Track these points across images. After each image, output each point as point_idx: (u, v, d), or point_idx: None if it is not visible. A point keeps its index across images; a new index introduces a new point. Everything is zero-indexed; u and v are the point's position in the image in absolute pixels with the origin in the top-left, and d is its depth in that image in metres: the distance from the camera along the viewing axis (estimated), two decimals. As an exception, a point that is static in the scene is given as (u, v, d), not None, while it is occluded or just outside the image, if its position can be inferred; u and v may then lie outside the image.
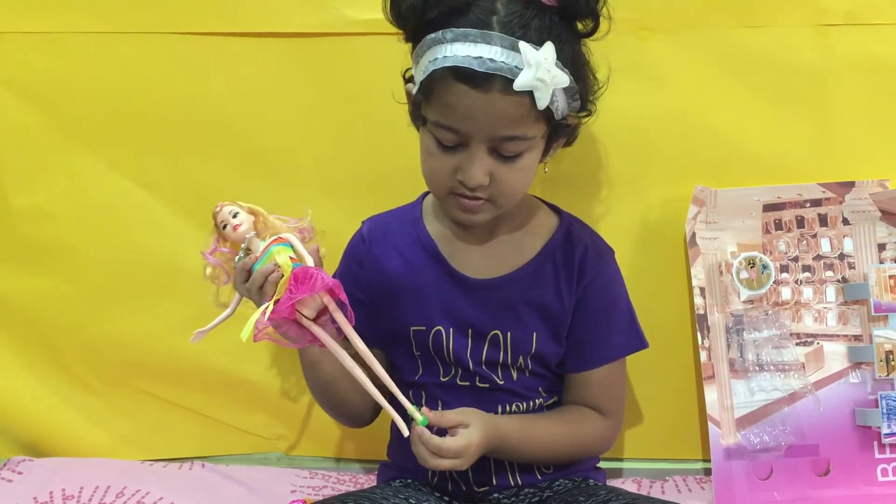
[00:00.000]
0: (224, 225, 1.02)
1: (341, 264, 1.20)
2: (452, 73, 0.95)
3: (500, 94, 0.95)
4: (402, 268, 1.12)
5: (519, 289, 1.10)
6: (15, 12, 1.34)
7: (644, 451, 1.38)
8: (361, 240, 1.17)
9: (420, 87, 1.00)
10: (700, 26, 1.30)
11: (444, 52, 0.96)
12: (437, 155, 1.02)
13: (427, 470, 1.07)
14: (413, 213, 1.16)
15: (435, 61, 0.96)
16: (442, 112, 0.98)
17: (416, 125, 1.08)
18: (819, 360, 1.28)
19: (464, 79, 0.95)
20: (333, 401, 1.16)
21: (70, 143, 1.37)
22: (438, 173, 1.03)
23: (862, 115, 1.30)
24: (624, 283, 1.18)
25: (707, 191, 1.29)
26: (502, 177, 1.01)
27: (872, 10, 1.28)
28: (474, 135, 0.98)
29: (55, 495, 1.26)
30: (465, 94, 0.96)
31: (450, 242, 1.12)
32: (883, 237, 1.29)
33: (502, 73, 0.94)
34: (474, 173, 0.99)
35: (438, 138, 1.01)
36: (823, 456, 1.25)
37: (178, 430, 1.42)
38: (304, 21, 1.31)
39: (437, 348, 1.10)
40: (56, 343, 1.40)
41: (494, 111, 0.96)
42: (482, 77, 0.94)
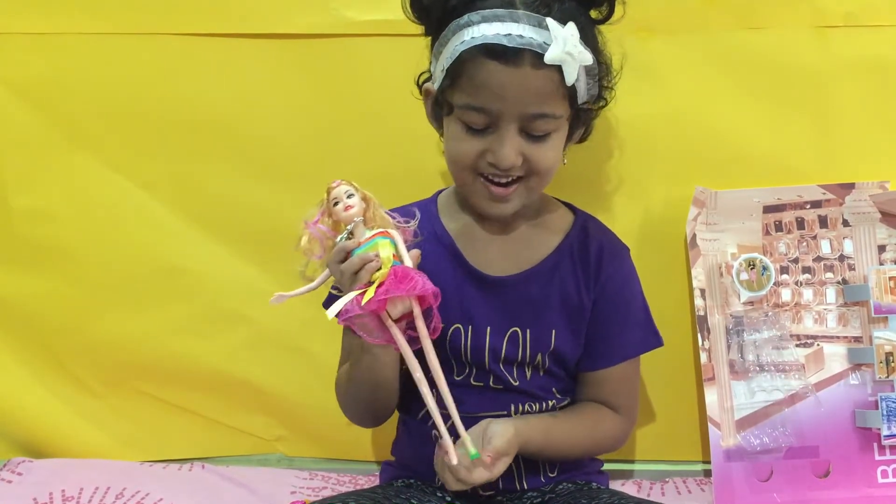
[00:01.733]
0: (336, 202, 0.99)
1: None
2: (482, 50, 0.97)
3: (531, 69, 0.97)
4: (422, 265, 1.09)
5: (537, 285, 1.10)
6: (15, 13, 1.34)
7: (644, 452, 1.38)
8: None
9: (447, 72, 1.01)
10: (700, 27, 1.30)
11: (472, 34, 0.97)
12: (465, 139, 1.02)
13: (433, 473, 1.07)
14: (428, 208, 1.15)
15: (463, 43, 0.98)
16: (472, 92, 0.99)
17: (439, 120, 1.08)
18: (819, 361, 1.28)
19: (494, 55, 0.97)
20: (371, 402, 1.13)
21: (69, 143, 1.37)
22: (467, 157, 1.02)
23: (862, 116, 1.30)
24: (639, 281, 1.18)
25: (707, 192, 1.29)
26: (533, 155, 1.01)
27: (872, 11, 1.28)
28: (505, 113, 0.99)
29: (55, 496, 1.26)
30: (495, 70, 0.97)
31: (467, 239, 1.12)
32: (883, 239, 1.29)
33: (532, 48, 0.96)
34: (507, 153, 1.00)
35: (467, 122, 1.01)
36: (823, 457, 1.25)
37: (177, 432, 1.42)
38: (305, 22, 1.31)
39: (455, 346, 1.10)
40: (55, 344, 1.41)
41: (525, 86, 0.97)
42: (513, 52, 0.96)
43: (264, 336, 1.40)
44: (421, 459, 1.10)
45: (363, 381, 1.10)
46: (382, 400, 1.12)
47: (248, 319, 1.39)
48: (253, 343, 1.40)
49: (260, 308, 1.39)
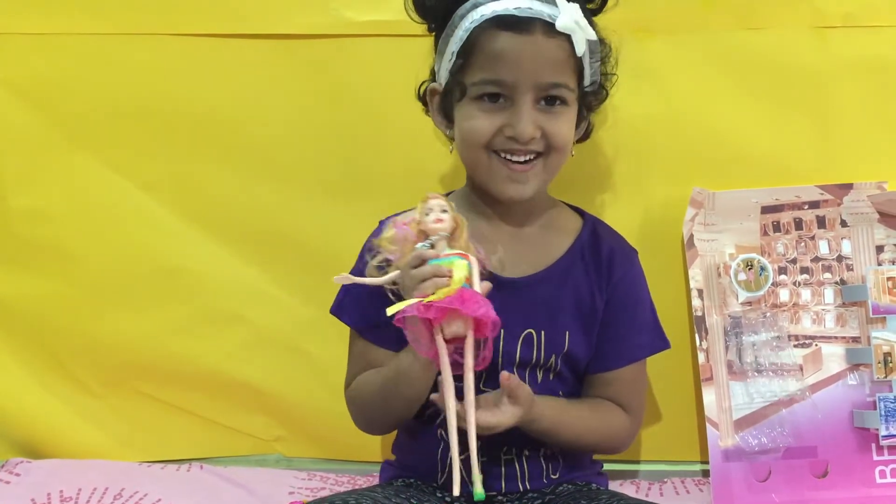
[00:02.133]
0: (429, 212, 0.97)
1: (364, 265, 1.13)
2: (494, 23, 1.01)
3: (543, 37, 1.01)
4: None
5: (550, 287, 1.10)
6: (14, 13, 1.34)
7: (642, 452, 1.38)
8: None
9: (458, 53, 1.03)
10: (699, 28, 1.30)
11: (481, 12, 1.02)
12: (480, 117, 1.04)
13: (435, 470, 1.08)
14: None
15: (473, 21, 1.02)
16: (487, 66, 1.02)
17: (448, 116, 1.09)
18: (817, 361, 1.28)
19: (507, 26, 1.01)
20: (398, 417, 1.11)
21: (69, 144, 1.37)
22: (483, 134, 1.03)
23: (860, 116, 1.31)
24: (647, 284, 1.18)
25: (705, 193, 1.29)
26: (551, 127, 1.03)
27: (871, 11, 1.29)
28: (521, 83, 1.01)
29: (53, 497, 1.26)
30: (509, 39, 1.01)
31: (479, 240, 1.08)
32: (881, 239, 1.29)
33: (542, 17, 1.01)
34: (525, 125, 1.02)
35: (483, 94, 1.03)
36: (822, 458, 1.25)
37: (176, 432, 1.42)
38: (305, 22, 1.32)
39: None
40: (54, 344, 1.40)
41: (539, 54, 1.01)
42: (525, 21, 1.00)
43: (263, 337, 1.39)
44: (423, 459, 1.10)
45: (389, 392, 1.08)
46: (400, 415, 1.11)
47: (247, 320, 1.39)
48: (252, 344, 1.39)
49: (259, 309, 1.39)
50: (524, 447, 1.10)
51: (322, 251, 1.37)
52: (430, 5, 1.08)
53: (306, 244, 1.38)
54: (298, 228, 1.37)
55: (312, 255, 1.38)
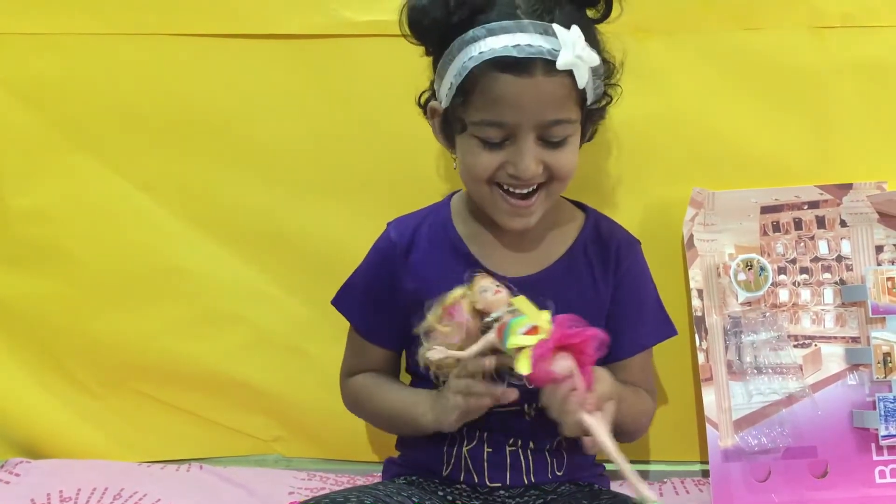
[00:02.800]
0: (484, 290, 0.97)
1: (370, 268, 1.17)
2: (494, 64, 0.97)
3: (544, 77, 0.97)
4: (436, 273, 1.09)
5: (555, 285, 1.09)
6: (14, 13, 1.34)
7: (642, 452, 1.38)
8: (393, 244, 1.14)
9: (458, 90, 1.00)
10: (698, 28, 1.30)
11: (479, 49, 0.97)
12: (481, 154, 1.02)
13: (440, 463, 1.09)
14: (441, 214, 1.15)
15: (471, 59, 0.98)
16: (487, 108, 0.99)
17: (449, 137, 1.07)
18: (817, 361, 1.28)
19: (506, 68, 0.97)
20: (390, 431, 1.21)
21: (68, 144, 1.36)
22: (485, 171, 1.02)
23: (859, 117, 1.31)
24: (650, 272, 1.18)
25: (705, 193, 1.29)
26: (553, 162, 1.02)
27: (870, 12, 1.29)
28: (523, 124, 0.99)
29: (52, 497, 1.26)
30: (509, 82, 0.97)
31: (481, 243, 1.11)
32: (881, 239, 1.29)
33: (542, 55, 0.96)
34: (527, 164, 1.00)
35: (483, 137, 1.01)
36: (821, 458, 1.25)
37: (175, 432, 1.42)
38: (304, 23, 1.32)
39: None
40: (54, 345, 1.40)
41: (540, 95, 0.98)
42: (524, 62, 0.96)
43: (262, 337, 1.39)
44: (428, 452, 1.10)
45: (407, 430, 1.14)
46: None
47: (247, 320, 1.39)
48: (251, 344, 1.39)
49: (259, 309, 1.39)
50: (530, 440, 1.10)
51: (322, 251, 1.37)
52: (428, 29, 1.02)
53: (306, 244, 1.38)
54: (298, 228, 1.37)
55: (312, 255, 1.38)
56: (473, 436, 1.09)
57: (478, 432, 1.09)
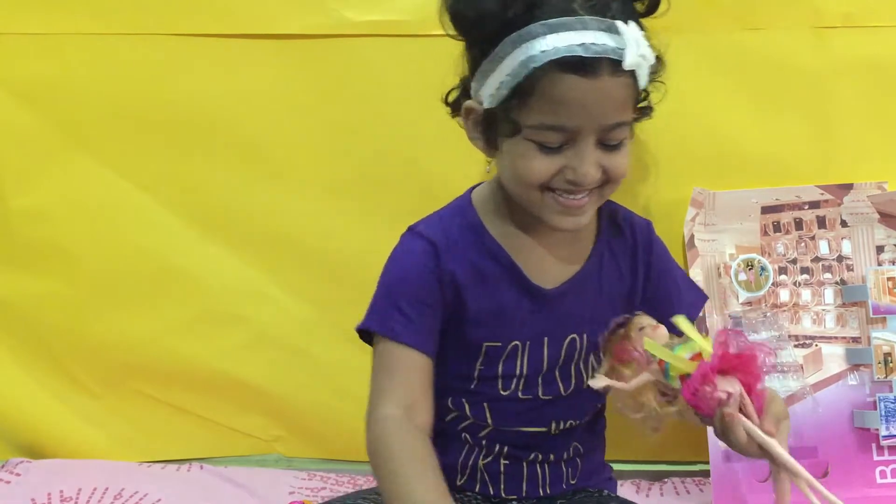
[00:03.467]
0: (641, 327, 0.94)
1: (409, 275, 1.02)
2: (558, 65, 0.89)
3: (609, 78, 0.90)
4: (479, 283, 1.01)
5: (589, 286, 1.05)
6: (14, 14, 1.34)
7: (642, 453, 1.38)
8: (432, 250, 1.02)
9: (513, 90, 0.92)
10: (698, 28, 1.30)
11: (540, 47, 0.89)
12: (537, 158, 0.94)
13: (455, 473, 1.05)
14: (469, 216, 1.05)
15: (532, 58, 0.90)
16: (548, 111, 0.91)
17: (489, 140, 0.99)
18: (817, 362, 1.28)
19: (572, 69, 0.89)
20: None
21: (68, 144, 1.36)
22: (540, 176, 0.94)
23: (860, 117, 1.31)
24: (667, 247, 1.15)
25: (705, 193, 1.29)
26: (610, 165, 0.95)
27: (870, 12, 1.29)
28: (585, 128, 0.92)
29: (53, 497, 1.26)
30: (575, 84, 0.90)
31: (519, 250, 1.04)
32: (881, 239, 1.29)
33: (608, 55, 0.90)
34: (587, 170, 0.93)
35: (541, 142, 0.93)
36: (822, 458, 1.25)
37: (176, 432, 1.42)
38: (304, 23, 1.32)
39: (510, 362, 1.03)
40: (54, 345, 1.40)
41: (606, 97, 0.91)
42: (591, 63, 0.89)
43: (263, 337, 1.39)
44: (444, 462, 1.02)
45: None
46: None
47: (247, 320, 1.39)
48: (251, 344, 1.40)
49: (258, 309, 1.39)
50: (550, 452, 1.07)
51: (322, 251, 1.37)
52: (476, 22, 0.93)
53: (306, 244, 1.38)
54: (299, 229, 1.37)
55: (312, 255, 1.38)
56: (492, 449, 1.05)
57: (497, 446, 1.05)
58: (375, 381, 1.02)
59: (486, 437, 1.04)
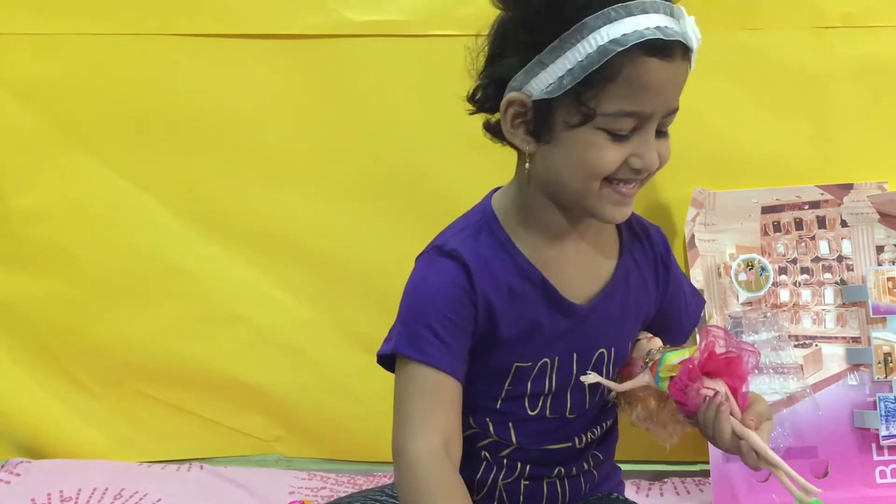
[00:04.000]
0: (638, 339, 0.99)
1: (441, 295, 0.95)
2: (643, 48, 0.87)
3: (681, 61, 0.90)
4: (512, 305, 0.97)
5: (616, 299, 1.02)
6: (14, 14, 1.34)
7: (643, 453, 1.37)
8: (464, 271, 0.96)
9: (590, 77, 0.89)
10: (699, 27, 1.29)
11: (621, 30, 0.87)
12: (609, 148, 0.91)
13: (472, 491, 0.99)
14: (496, 232, 0.99)
15: (614, 42, 0.87)
16: (631, 96, 0.89)
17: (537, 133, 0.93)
18: (817, 362, 1.28)
19: (655, 52, 0.88)
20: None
21: (68, 144, 1.37)
22: (610, 167, 0.91)
23: (860, 117, 1.31)
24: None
25: (706, 193, 1.29)
26: (663, 152, 0.94)
27: (870, 12, 1.29)
28: (657, 113, 0.91)
29: (53, 497, 1.26)
30: (658, 68, 0.89)
31: (547, 263, 1.00)
32: (881, 239, 1.29)
33: (679, 38, 0.89)
34: (654, 156, 0.92)
35: (615, 129, 0.90)
36: (822, 458, 1.25)
37: (176, 432, 1.42)
38: (304, 23, 1.32)
39: (538, 380, 1.00)
40: (54, 345, 1.40)
41: (678, 82, 0.92)
42: (669, 46, 0.88)
43: (263, 337, 1.39)
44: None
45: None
46: None
47: (247, 320, 1.39)
48: (251, 344, 1.40)
49: (258, 309, 1.39)
50: (573, 466, 1.04)
51: (322, 251, 1.37)
52: (540, 9, 0.90)
53: (306, 244, 1.38)
54: (299, 229, 1.37)
55: (312, 256, 1.38)
56: (514, 468, 1.02)
57: (519, 465, 1.02)
58: (407, 409, 0.94)
59: (507, 455, 1.01)
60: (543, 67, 0.91)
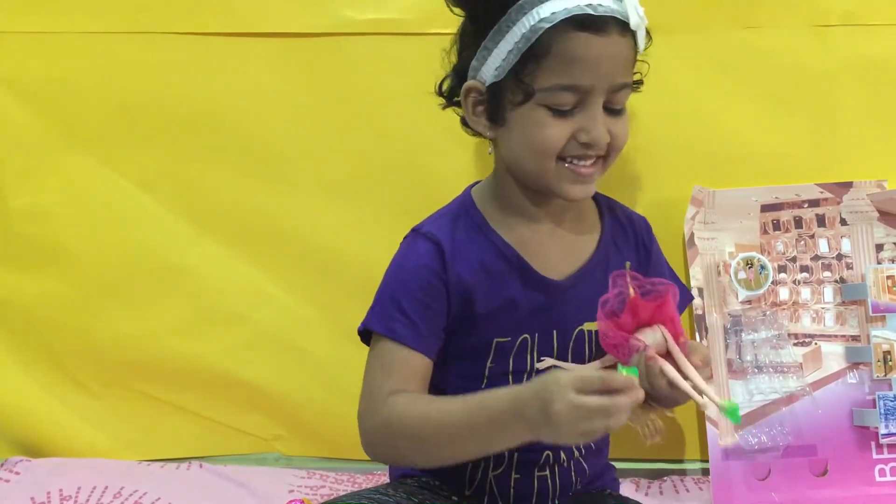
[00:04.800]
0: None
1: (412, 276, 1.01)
2: (572, 23, 0.94)
3: (618, 37, 0.95)
4: (487, 281, 1.02)
5: (597, 278, 1.03)
6: (14, 13, 1.34)
7: (642, 451, 1.37)
8: (437, 252, 1.02)
9: (525, 55, 0.95)
10: (699, 27, 1.30)
11: (551, 9, 0.93)
12: (551, 124, 0.96)
13: (462, 486, 1.04)
14: (473, 216, 1.05)
15: (544, 20, 0.94)
16: (563, 70, 0.95)
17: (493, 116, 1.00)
18: (817, 360, 1.28)
19: (585, 26, 0.94)
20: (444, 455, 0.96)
21: (69, 143, 1.37)
22: (556, 143, 0.97)
23: (860, 115, 1.31)
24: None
25: (705, 191, 1.29)
26: (616, 130, 0.98)
27: (870, 10, 1.29)
28: (596, 87, 0.95)
29: (52, 496, 1.26)
30: (588, 41, 0.94)
31: (525, 245, 1.04)
32: (881, 238, 1.29)
33: (615, 14, 0.95)
34: (601, 129, 0.96)
35: (554, 104, 0.96)
36: (821, 456, 1.25)
37: (175, 431, 1.42)
38: (304, 21, 1.32)
39: (520, 358, 1.03)
40: (54, 344, 1.40)
41: (615, 55, 0.96)
42: (601, 21, 0.94)
43: (262, 336, 1.39)
44: (449, 480, 1.05)
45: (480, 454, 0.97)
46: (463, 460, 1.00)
47: (247, 319, 1.39)
48: (251, 343, 1.39)
49: (258, 308, 1.39)
50: (560, 451, 1.06)
51: (322, 251, 1.37)
52: None
53: (306, 244, 1.38)
54: (298, 228, 1.37)
55: (313, 256, 1.38)
56: (502, 459, 1.04)
57: (507, 454, 1.03)
58: (372, 379, 1.00)
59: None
60: (489, 53, 0.98)
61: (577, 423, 0.82)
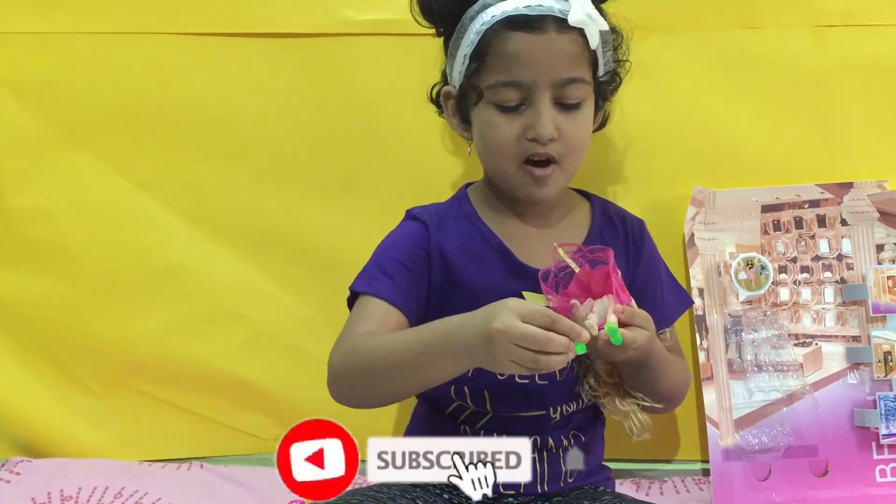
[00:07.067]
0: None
1: (400, 246, 1.08)
2: (506, 24, 1.00)
3: (556, 34, 1.00)
4: (469, 262, 1.07)
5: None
6: (14, 13, 1.34)
7: (642, 451, 1.37)
8: (423, 228, 1.08)
9: (471, 56, 1.03)
10: (698, 27, 1.30)
11: (491, 13, 1.01)
12: (501, 123, 1.02)
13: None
14: (464, 207, 1.11)
15: (484, 24, 1.01)
16: (501, 68, 1.01)
17: (466, 119, 1.07)
18: (817, 360, 1.28)
19: (519, 26, 1.00)
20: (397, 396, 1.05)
21: (68, 143, 1.37)
22: (507, 140, 1.02)
23: (860, 115, 1.31)
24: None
25: (705, 191, 1.29)
26: (568, 129, 1.02)
27: (870, 10, 1.29)
28: (539, 82, 1.00)
29: (53, 496, 1.26)
30: (522, 39, 1.00)
31: (511, 235, 1.09)
32: (881, 238, 1.29)
33: (553, 13, 1.00)
34: (545, 124, 1.00)
35: (500, 102, 1.02)
36: (822, 457, 1.25)
37: (176, 431, 1.42)
38: (304, 21, 1.32)
39: None
40: (54, 344, 1.40)
41: (554, 51, 1.00)
42: (536, 20, 0.99)
43: (263, 336, 1.39)
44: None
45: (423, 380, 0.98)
46: (416, 391, 1.06)
47: (247, 319, 1.39)
48: (252, 343, 1.39)
49: (259, 308, 1.39)
50: (549, 436, 1.08)
51: (322, 251, 1.37)
52: (438, 9, 1.06)
53: (306, 244, 1.38)
54: (298, 228, 1.37)
55: (312, 255, 1.38)
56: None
57: (496, 435, 1.06)
58: (347, 326, 1.05)
59: (484, 426, 1.06)
60: (453, 59, 1.05)
61: (510, 348, 0.84)
